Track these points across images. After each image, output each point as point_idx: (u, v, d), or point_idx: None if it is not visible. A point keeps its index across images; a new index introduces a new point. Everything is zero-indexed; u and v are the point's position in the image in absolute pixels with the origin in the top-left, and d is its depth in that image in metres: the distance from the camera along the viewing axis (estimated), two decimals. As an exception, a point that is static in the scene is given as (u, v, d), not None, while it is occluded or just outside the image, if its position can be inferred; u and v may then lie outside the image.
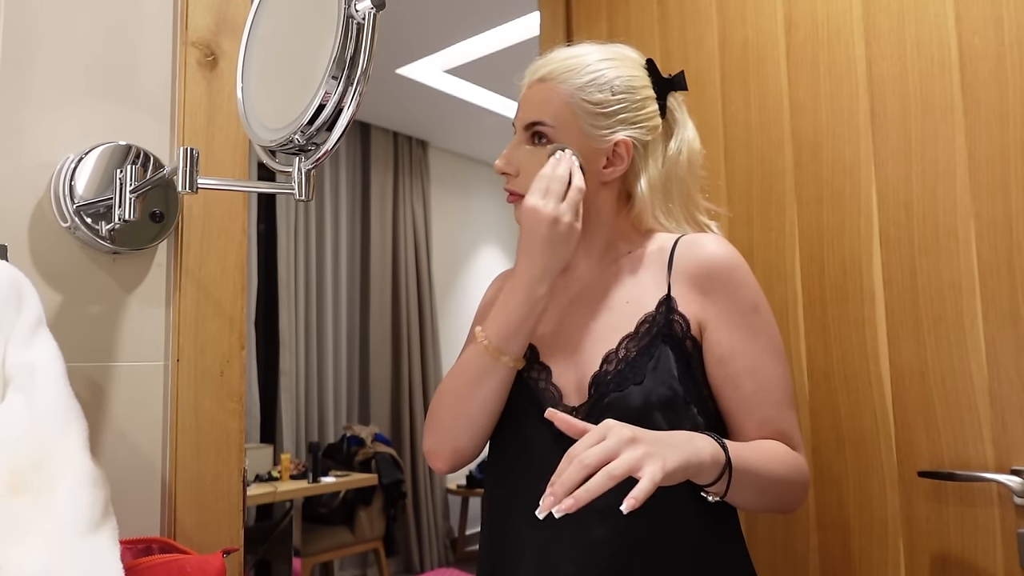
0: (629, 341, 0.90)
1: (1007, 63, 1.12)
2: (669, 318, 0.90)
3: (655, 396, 0.86)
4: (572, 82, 0.95)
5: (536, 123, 0.95)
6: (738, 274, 0.92)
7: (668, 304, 0.91)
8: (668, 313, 0.91)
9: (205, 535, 0.99)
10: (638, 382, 0.87)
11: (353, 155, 4.77)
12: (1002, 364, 1.10)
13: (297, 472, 3.73)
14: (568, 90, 0.94)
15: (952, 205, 1.16)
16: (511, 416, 0.95)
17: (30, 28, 0.92)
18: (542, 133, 0.95)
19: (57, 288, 0.91)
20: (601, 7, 1.64)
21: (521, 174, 0.96)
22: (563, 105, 0.94)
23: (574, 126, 0.94)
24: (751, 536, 1.34)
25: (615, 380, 0.89)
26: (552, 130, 0.94)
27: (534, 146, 0.95)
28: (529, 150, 0.95)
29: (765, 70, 1.38)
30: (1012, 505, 1.08)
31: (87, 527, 0.65)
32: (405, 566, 4.67)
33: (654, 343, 0.89)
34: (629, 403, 0.87)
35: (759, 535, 1.33)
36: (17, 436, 0.67)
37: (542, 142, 0.95)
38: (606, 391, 0.89)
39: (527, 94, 0.98)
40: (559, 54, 0.98)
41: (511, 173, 0.97)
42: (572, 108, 0.94)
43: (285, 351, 4.20)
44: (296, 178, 0.75)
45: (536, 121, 0.95)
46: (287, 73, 0.79)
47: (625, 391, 0.87)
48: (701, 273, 0.92)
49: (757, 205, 1.37)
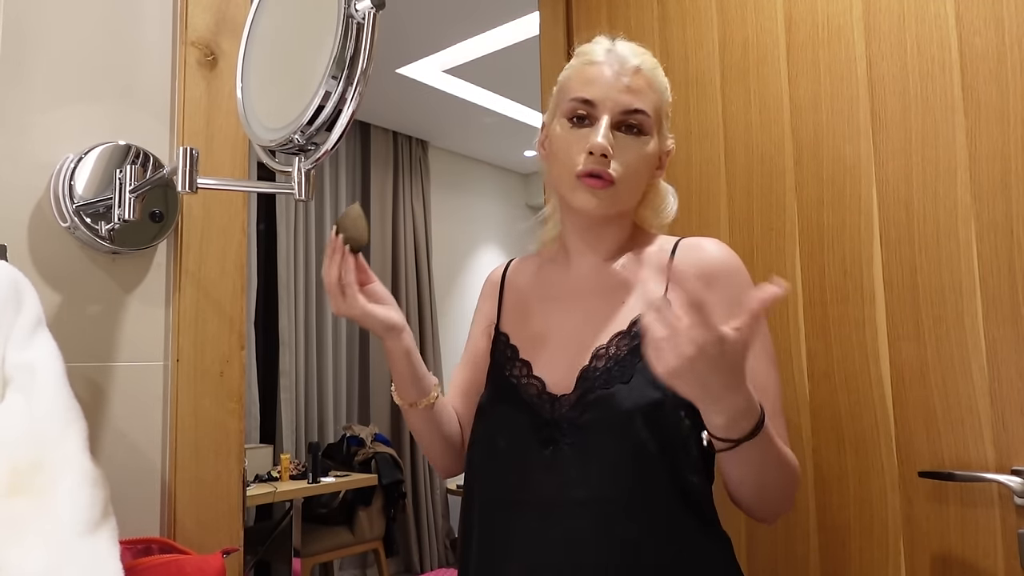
0: (621, 339, 0.90)
1: (1008, 63, 1.12)
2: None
3: (644, 396, 0.86)
4: (660, 80, 0.95)
5: (639, 111, 0.92)
6: (738, 277, 0.92)
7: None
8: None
9: (205, 535, 0.99)
10: (625, 380, 0.87)
11: (353, 155, 4.77)
12: (1003, 364, 1.10)
13: (297, 472, 3.73)
14: (660, 86, 0.95)
15: (952, 205, 1.16)
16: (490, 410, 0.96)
17: (30, 28, 0.91)
18: (640, 124, 0.92)
19: (57, 288, 0.91)
20: (601, 7, 1.64)
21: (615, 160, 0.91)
22: (657, 101, 0.94)
23: (658, 124, 0.95)
24: (751, 536, 1.34)
25: (603, 377, 0.88)
26: (648, 122, 0.93)
27: (628, 135, 0.92)
28: (623, 138, 0.92)
29: (765, 70, 1.38)
30: (1012, 505, 1.08)
31: (87, 527, 0.65)
32: (405, 566, 4.67)
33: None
34: (613, 403, 0.86)
35: (759, 535, 1.33)
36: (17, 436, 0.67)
37: (633, 131, 0.92)
38: (592, 387, 0.89)
39: (623, 79, 0.92)
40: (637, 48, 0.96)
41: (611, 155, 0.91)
42: (660, 105, 0.95)
43: (285, 351, 4.20)
44: (296, 178, 0.75)
45: (640, 109, 0.92)
46: (287, 73, 0.79)
47: (612, 389, 0.87)
48: (702, 275, 0.90)
49: (757, 205, 1.37)
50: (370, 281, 0.95)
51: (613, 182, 0.91)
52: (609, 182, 0.91)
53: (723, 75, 1.44)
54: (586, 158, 0.91)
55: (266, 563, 3.69)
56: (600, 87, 0.92)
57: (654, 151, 0.95)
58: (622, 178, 0.91)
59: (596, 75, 0.93)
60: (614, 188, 0.91)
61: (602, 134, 0.90)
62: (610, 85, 0.92)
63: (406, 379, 0.97)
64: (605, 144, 0.89)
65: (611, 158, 0.90)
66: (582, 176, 0.91)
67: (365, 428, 4.11)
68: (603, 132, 0.90)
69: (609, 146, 0.90)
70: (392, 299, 0.97)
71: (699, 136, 1.46)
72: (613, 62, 0.93)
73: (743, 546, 1.34)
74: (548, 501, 0.86)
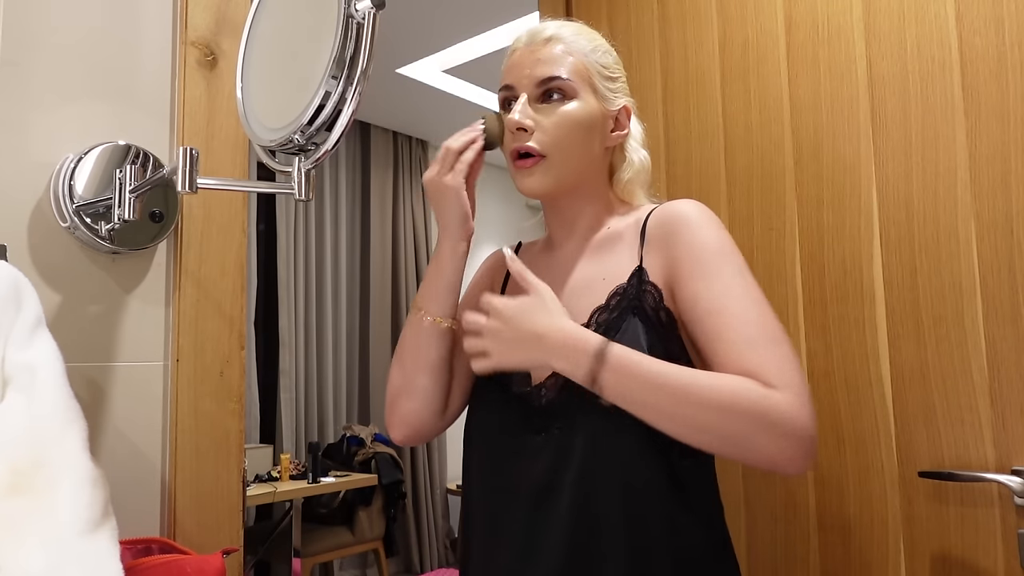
0: (600, 314, 0.89)
1: (1008, 63, 1.12)
2: (641, 289, 0.88)
3: None
4: (582, 44, 0.95)
5: (553, 78, 0.92)
6: (698, 220, 0.88)
7: (640, 276, 0.89)
8: (640, 284, 0.89)
9: (205, 535, 0.99)
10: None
11: (353, 155, 4.77)
12: (1003, 364, 1.10)
13: (297, 472, 3.73)
14: (581, 50, 0.95)
15: (953, 205, 1.16)
16: (478, 397, 0.97)
17: (30, 28, 0.91)
18: (559, 89, 0.92)
19: (57, 288, 0.91)
20: (601, 7, 1.64)
21: (536, 131, 0.92)
22: (578, 63, 0.94)
23: (590, 85, 0.94)
24: (751, 535, 1.34)
25: None
26: (569, 85, 0.92)
27: (548, 103, 0.92)
28: (544, 108, 0.92)
29: (765, 70, 1.38)
30: (1013, 505, 1.08)
31: (87, 527, 0.65)
32: (405, 566, 4.67)
33: (623, 316, 0.87)
34: None
35: (759, 535, 1.33)
36: (17, 436, 0.67)
37: (554, 99, 0.92)
38: None
39: (535, 53, 0.94)
40: (552, 23, 0.97)
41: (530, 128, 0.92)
42: (587, 67, 0.94)
43: (285, 351, 4.20)
44: (296, 178, 0.75)
45: (553, 76, 0.92)
46: (287, 73, 0.79)
47: None
48: (664, 232, 0.90)
49: (757, 205, 1.37)
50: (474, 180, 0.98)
51: (544, 156, 0.91)
52: (539, 157, 0.91)
53: (723, 75, 1.44)
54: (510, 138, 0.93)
55: (266, 563, 3.69)
56: (515, 69, 0.95)
57: (586, 112, 0.93)
58: (551, 147, 0.91)
59: (512, 61, 0.96)
60: (547, 161, 0.91)
61: (516, 110, 0.92)
62: (523, 64, 0.94)
63: (445, 287, 0.96)
64: (517, 119, 0.91)
65: (532, 131, 0.91)
66: (513, 160, 0.93)
67: (365, 428, 4.11)
68: (517, 108, 0.92)
69: (526, 120, 0.91)
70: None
71: (699, 136, 1.46)
72: (527, 41, 0.95)
73: (743, 546, 1.34)
74: (543, 486, 0.86)
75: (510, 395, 0.93)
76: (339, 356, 4.56)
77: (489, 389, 0.96)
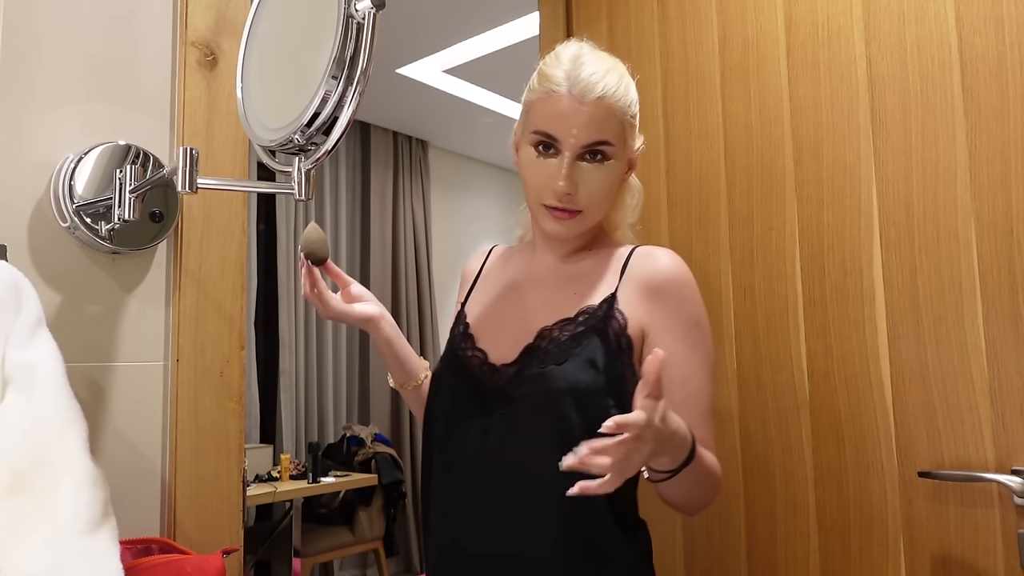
0: (566, 324, 0.96)
1: (1008, 63, 1.12)
2: (608, 315, 0.95)
3: (574, 379, 0.91)
4: (624, 100, 0.96)
5: (602, 143, 0.94)
6: (686, 290, 0.97)
7: (611, 303, 0.96)
8: (608, 311, 0.95)
9: (205, 535, 0.99)
10: (559, 363, 0.93)
11: (353, 155, 4.77)
12: (1003, 364, 1.10)
13: (297, 472, 3.73)
14: (623, 108, 0.95)
15: (953, 205, 1.16)
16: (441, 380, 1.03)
17: (30, 28, 0.92)
18: (603, 152, 0.95)
19: (57, 288, 0.91)
20: (601, 7, 1.64)
21: (580, 192, 0.95)
22: (620, 123, 0.95)
23: (624, 142, 0.97)
24: (751, 535, 1.34)
25: (541, 356, 0.94)
26: (611, 149, 0.95)
27: (592, 163, 0.95)
28: (588, 168, 0.95)
29: (765, 70, 1.38)
30: (1012, 505, 1.08)
31: (87, 527, 0.65)
32: (405, 566, 4.67)
33: (587, 334, 0.94)
34: (546, 380, 0.92)
35: (759, 535, 1.33)
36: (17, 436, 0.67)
37: (597, 159, 0.95)
38: (530, 363, 0.94)
39: (584, 110, 0.93)
40: (600, 66, 0.95)
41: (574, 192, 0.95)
42: (624, 125, 0.96)
43: (285, 351, 4.20)
44: (296, 178, 0.75)
45: (602, 140, 0.94)
46: (287, 73, 0.79)
47: (545, 369, 0.93)
48: (653, 282, 0.97)
49: (757, 205, 1.37)
50: (347, 284, 1.05)
51: (580, 211, 0.96)
52: (576, 213, 0.96)
53: (723, 75, 1.44)
54: (551, 193, 0.95)
55: (266, 563, 3.69)
56: (561, 121, 0.93)
57: (619, 169, 0.98)
58: (588, 205, 0.96)
59: (556, 108, 0.94)
60: (581, 216, 0.97)
61: (564, 175, 0.93)
62: (570, 120, 0.93)
63: (392, 363, 1.10)
64: (567, 188, 0.94)
65: (575, 194, 0.95)
66: (550, 209, 0.96)
67: (365, 428, 4.11)
68: (565, 173, 0.93)
69: (572, 185, 0.94)
70: (370, 294, 1.08)
71: (699, 136, 1.46)
72: (574, 91, 0.93)
73: (743, 545, 1.34)
74: (484, 467, 0.94)
75: (465, 371, 1.00)
76: (339, 356, 4.56)
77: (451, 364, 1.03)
